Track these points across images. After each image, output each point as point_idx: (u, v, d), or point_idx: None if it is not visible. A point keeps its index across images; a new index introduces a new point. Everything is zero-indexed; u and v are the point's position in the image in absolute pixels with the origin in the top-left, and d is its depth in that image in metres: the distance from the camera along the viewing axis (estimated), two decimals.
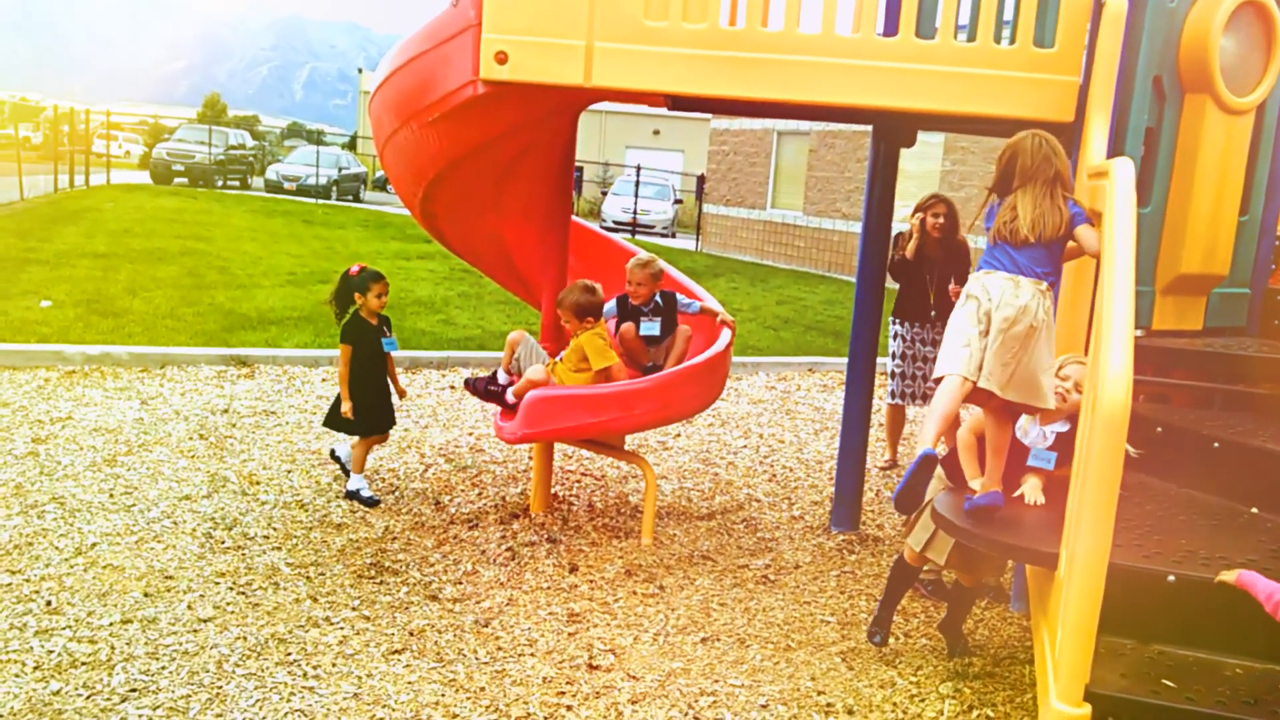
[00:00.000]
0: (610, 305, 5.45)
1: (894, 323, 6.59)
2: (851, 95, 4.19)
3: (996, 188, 3.62)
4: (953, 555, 3.86)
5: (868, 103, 4.21)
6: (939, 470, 3.81)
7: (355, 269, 5.49)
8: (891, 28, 4.46)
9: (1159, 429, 4.06)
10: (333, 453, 5.68)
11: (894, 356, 6.58)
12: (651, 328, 5.46)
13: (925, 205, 6.45)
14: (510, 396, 5.10)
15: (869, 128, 5.49)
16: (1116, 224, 3.02)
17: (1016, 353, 3.44)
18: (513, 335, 5.28)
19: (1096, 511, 2.71)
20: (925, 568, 4.16)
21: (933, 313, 6.46)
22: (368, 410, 5.41)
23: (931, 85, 4.12)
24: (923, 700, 3.77)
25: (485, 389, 5.25)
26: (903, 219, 6.79)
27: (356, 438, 5.46)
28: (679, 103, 4.83)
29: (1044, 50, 4.09)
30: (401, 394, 5.65)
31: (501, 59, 4.21)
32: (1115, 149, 3.91)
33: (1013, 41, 4.17)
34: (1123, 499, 2.76)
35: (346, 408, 5.32)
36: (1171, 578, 3.10)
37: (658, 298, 5.51)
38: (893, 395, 6.64)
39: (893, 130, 5.26)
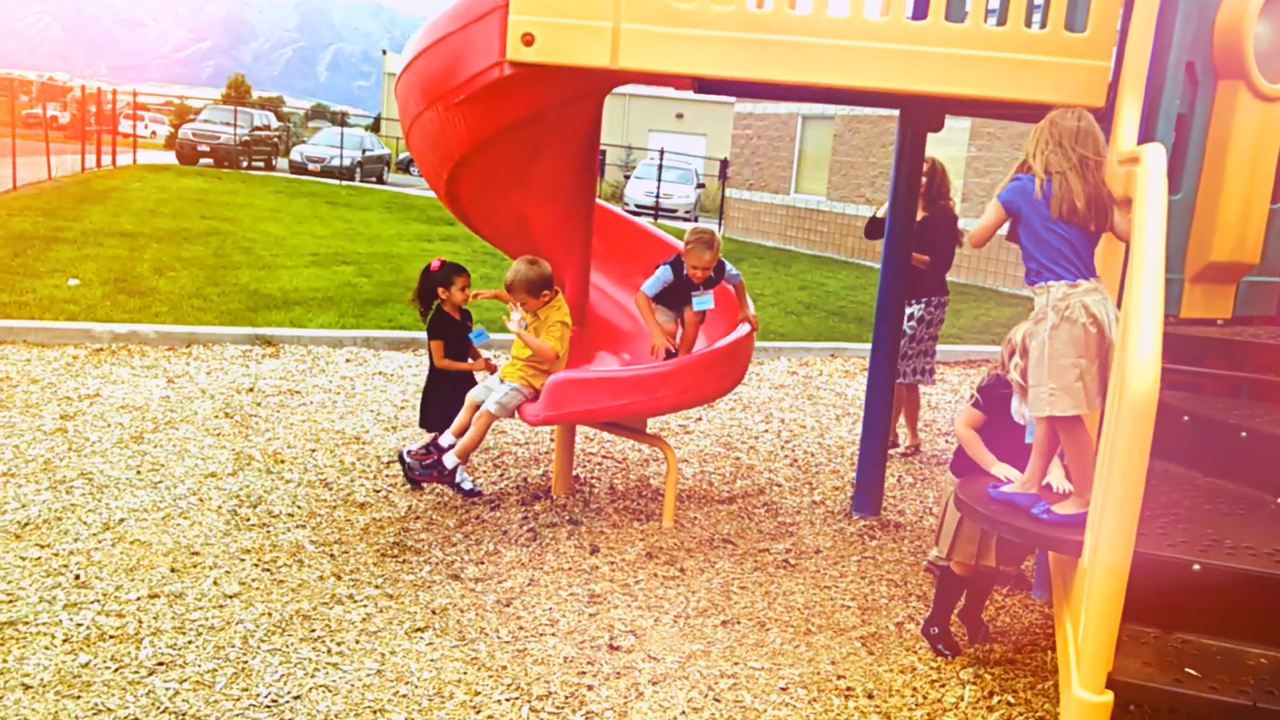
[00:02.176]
0: (665, 271, 5.22)
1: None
2: (879, 79, 4.17)
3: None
4: (964, 543, 3.87)
5: (896, 86, 4.19)
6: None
7: (436, 264, 5.38)
8: (921, 11, 4.42)
9: (1186, 418, 4.03)
10: (401, 457, 5.33)
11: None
12: (706, 301, 5.33)
13: None
14: (451, 458, 5.05)
15: (895, 112, 5.45)
16: (1147, 211, 2.99)
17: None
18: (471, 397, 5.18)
19: (1122, 499, 2.70)
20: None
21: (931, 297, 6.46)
22: (455, 405, 5.28)
23: (961, 69, 4.09)
24: (943, 686, 3.77)
25: (421, 468, 5.07)
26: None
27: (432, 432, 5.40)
28: (705, 85, 4.81)
29: (1075, 34, 4.05)
30: (491, 369, 5.53)
31: (528, 40, 4.20)
32: (1146, 135, 3.88)
33: (1043, 25, 4.13)
34: (1148, 487, 2.75)
35: (481, 362, 5.50)
36: (1196, 566, 3.09)
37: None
38: (903, 375, 6.57)
39: (920, 115, 5.23)
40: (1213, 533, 3.35)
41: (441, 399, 5.37)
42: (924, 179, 6.27)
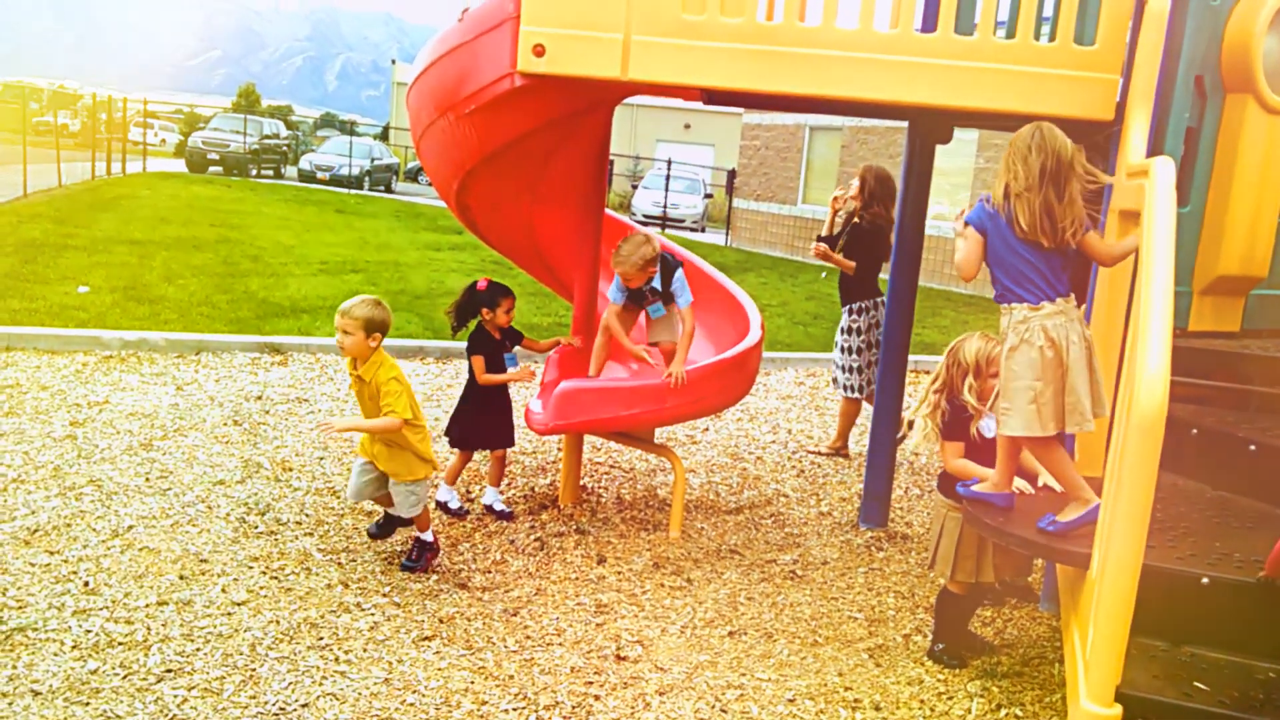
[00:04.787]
0: (613, 290, 5.17)
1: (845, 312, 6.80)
2: (889, 91, 4.18)
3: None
4: (963, 560, 3.87)
5: (905, 99, 4.20)
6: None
7: (483, 284, 5.24)
8: (930, 24, 4.44)
9: (1195, 431, 4.03)
10: (435, 500, 5.29)
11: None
12: (658, 310, 5.29)
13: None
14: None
15: (904, 124, 5.47)
16: (1156, 224, 3.00)
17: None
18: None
19: (1131, 512, 2.69)
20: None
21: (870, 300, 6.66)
22: (486, 421, 5.27)
23: (970, 82, 4.10)
24: (950, 698, 3.76)
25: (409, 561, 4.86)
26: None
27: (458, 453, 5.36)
28: (714, 97, 4.83)
29: (1084, 48, 4.06)
30: (530, 377, 5.41)
31: (539, 51, 4.23)
32: (1155, 148, 3.88)
33: (1052, 38, 4.15)
34: (1156, 500, 2.75)
35: (523, 370, 5.36)
36: (1205, 580, 3.09)
37: (656, 281, 5.13)
38: (851, 389, 6.76)
39: (929, 127, 5.24)
40: (1222, 546, 3.34)
41: (475, 415, 5.27)
42: (859, 186, 6.47)
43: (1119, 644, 2.75)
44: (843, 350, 6.76)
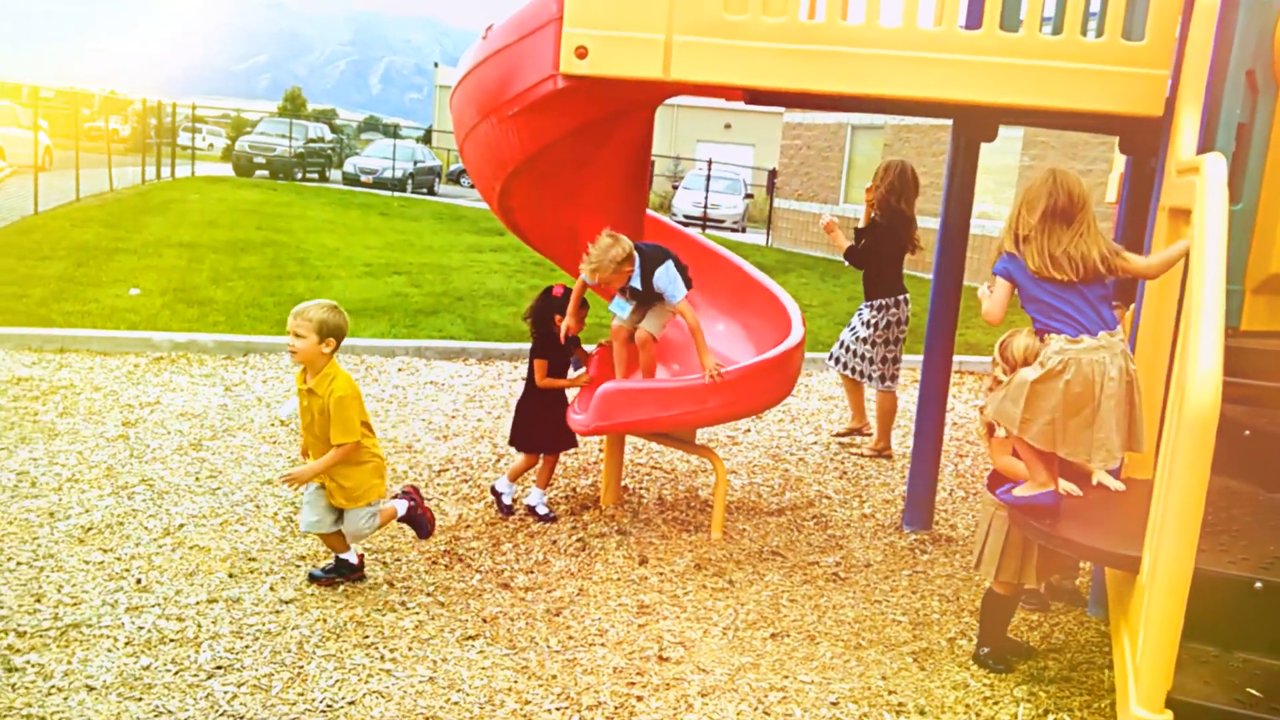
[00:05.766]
0: (614, 304, 5.14)
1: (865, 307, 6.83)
2: (933, 89, 4.15)
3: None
4: (1009, 561, 3.84)
5: (950, 97, 4.17)
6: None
7: (558, 290, 5.24)
8: (974, 20, 4.40)
9: (1247, 432, 3.95)
10: (494, 489, 5.35)
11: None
12: (622, 306, 5.18)
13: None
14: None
15: (947, 122, 5.42)
16: (1207, 221, 2.95)
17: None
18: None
19: (1182, 515, 2.66)
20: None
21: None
22: (546, 424, 5.28)
23: (1016, 79, 4.06)
24: (996, 703, 3.73)
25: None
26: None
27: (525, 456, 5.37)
28: (757, 97, 4.82)
29: (1133, 43, 4.00)
30: (583, 384, 5.39)
31: (582, 53, 4.25)
32: (1206, 144, 3.82)
33: (1100, 34, 4.09)
34: (1208, 503, 2.70)
35: (582, 375, 5.34)
36: (1259, 584, 3.03)
37: (635, 280, 4.97)
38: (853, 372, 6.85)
39: (973, 125, 5.19)
40: (1275, 550, 3.28)
41: (535, 416, 5.28)
42: (878, 183, 6.44)
43: (1170, 649, 2.71)
44: (858, 338, 6.80)
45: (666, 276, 4.93)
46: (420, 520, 4.55)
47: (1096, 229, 3.55)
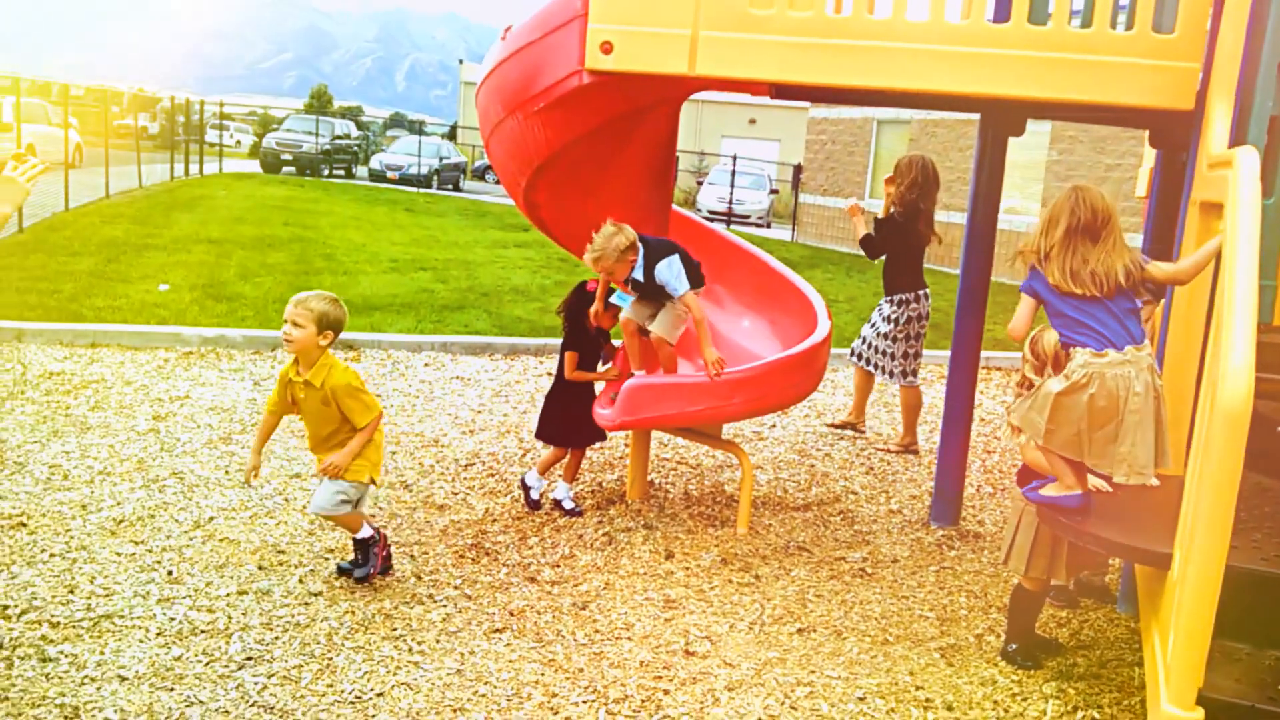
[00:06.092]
0: (617, 297, 5.14)
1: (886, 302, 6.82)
2: (962, 83, 4.13)
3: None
4: (1038, 557, 3.82)
5: (978, 91, 4.14)
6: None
7: (592, 285, 5.25)
8: (1002, 14, 4.37)
9: None
10: (524, 481, 5.37)
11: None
12: (626, 300, 5.18)
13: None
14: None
15: (974, 116, 5.39)
16: (1240, 216, 2.92)
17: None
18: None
19: (1214, 511, 2.63)
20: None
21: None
22: (574, 416, 5.27)
23: (1045, 72, 4.03)
24: (1025, 699, 3.71)
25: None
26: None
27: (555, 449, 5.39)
28: (783, 91, 4.81)
29: (1163, 35, 3.97)
30: (610, 379, 5.40)
31: (607, 49, 4.25)
32: (1238, 138, 3.78)
33: (1130, 27, 4.06)
34: (1240, 500, 2.68)
35: (611, 369, 5.31)
36: None
37: (637, 271, 4.91)
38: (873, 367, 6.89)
39: (1001, 119, 5.16)
40: None
41: (564, 408, 5.29)
42: (900, 180, 6.42)
43: (1201, 646, 2.69)
44: (879, 334, 6.80)
45: (669, 270, 4.85)
46: (370, 554, 4.27)
47: (1123, 243, 3.56)
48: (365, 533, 4.28)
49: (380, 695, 3.44)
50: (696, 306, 4.90)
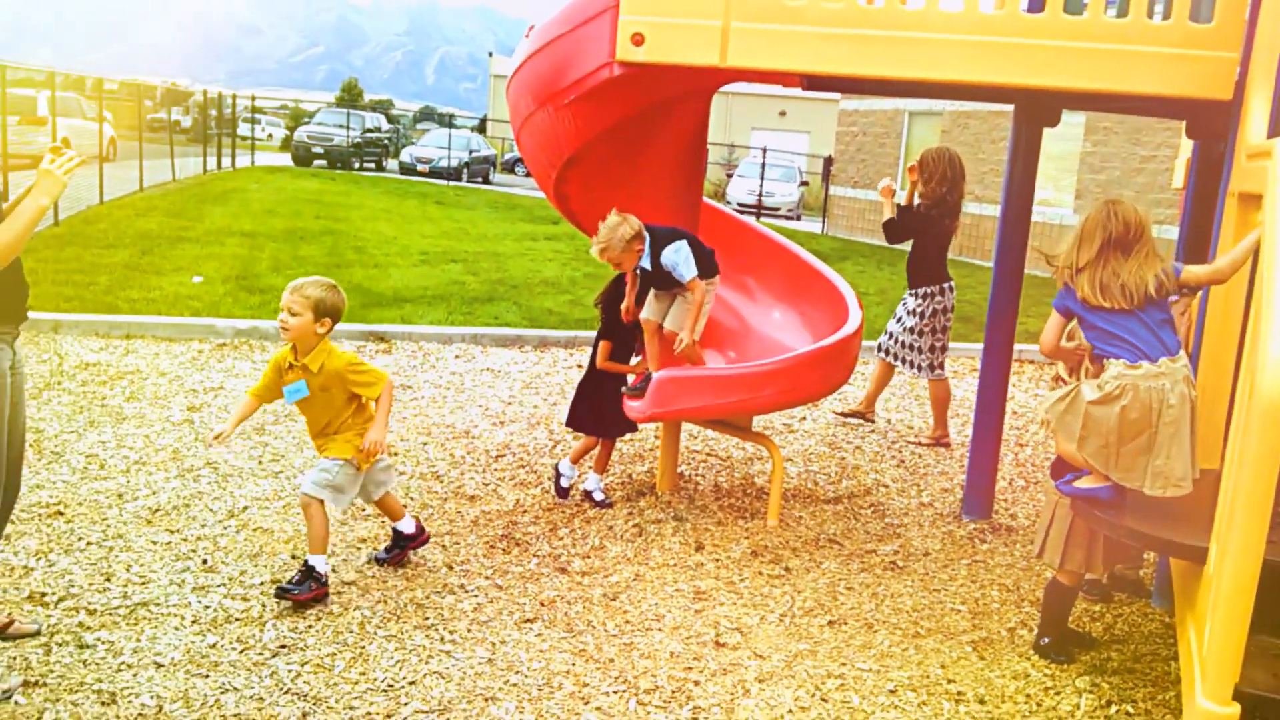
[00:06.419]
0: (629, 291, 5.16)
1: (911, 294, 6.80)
2: (996, 74, 4.10)
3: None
4: (1074, 550, 3.79)
5: (1014, 81, 4.11)
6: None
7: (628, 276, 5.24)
8: (1037, 3, 4.33)
9: None
10: (557, 469, 5.38)
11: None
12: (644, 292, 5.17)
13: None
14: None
15: (1007, 107, 5.34)
16: (1278, 207, 2.88)
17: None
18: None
19: (1250, 505, 2.61)
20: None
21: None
22: (604, 405, 5.28)
23: (1081, 63, 3.99)
24: (1058, 693, 3.69)
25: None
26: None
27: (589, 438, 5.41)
28: (814, 82, 4.79)
29: (1201, 25, 3.92)
30: (638, 374, 5.36)
31: (638, 40, 4.25)
32: (1277, 128, 3.73)
33: (1167, 16, 4.01)
34: (1277, 494, 2.65)
35: (641, 363, 5.30)
36: None
37: (645, 260, 4.91)
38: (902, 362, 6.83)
39: (1036, 110, 5.11)
40: None
41: (594, 397, 5.31)
42: (926, 170, 6.38)
43: (1237, 641, 2.67)
44: (905, 329, 6.77)
45: (676, 254, 4.83)
46: (404, 543, 4.39)
47: (1155, 254, 3.56)
48: (409, 526, 4.36)
49: (412, 684, 3.47)
50: (699, 291, 4.91)
